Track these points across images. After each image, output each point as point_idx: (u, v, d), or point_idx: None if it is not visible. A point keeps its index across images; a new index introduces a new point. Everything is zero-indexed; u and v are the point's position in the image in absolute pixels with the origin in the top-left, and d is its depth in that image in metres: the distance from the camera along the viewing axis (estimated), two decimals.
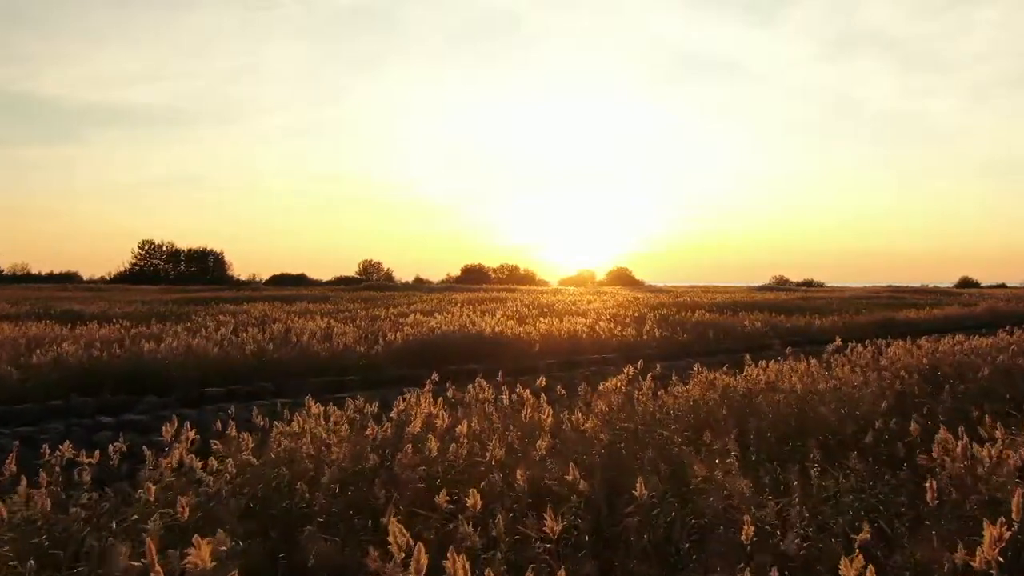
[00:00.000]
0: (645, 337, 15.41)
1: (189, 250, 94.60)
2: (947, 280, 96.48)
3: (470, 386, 5.88)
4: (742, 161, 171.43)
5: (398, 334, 12.25)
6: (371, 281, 68.12)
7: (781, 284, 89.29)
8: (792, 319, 20.74)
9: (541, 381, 6.01)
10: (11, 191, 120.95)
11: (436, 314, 18.80)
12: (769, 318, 20.31)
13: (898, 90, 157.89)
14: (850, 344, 8.91)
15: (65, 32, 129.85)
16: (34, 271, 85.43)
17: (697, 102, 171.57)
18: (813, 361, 7.33)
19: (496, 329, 13.58)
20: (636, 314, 20.10)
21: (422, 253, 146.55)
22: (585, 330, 14.94)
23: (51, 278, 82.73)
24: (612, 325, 16.12)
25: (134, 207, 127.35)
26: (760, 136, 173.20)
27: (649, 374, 6.30)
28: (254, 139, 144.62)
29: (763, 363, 7.14)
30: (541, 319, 15.44)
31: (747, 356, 7.40)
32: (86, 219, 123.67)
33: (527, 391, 5.71)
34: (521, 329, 14.01)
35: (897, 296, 39.75)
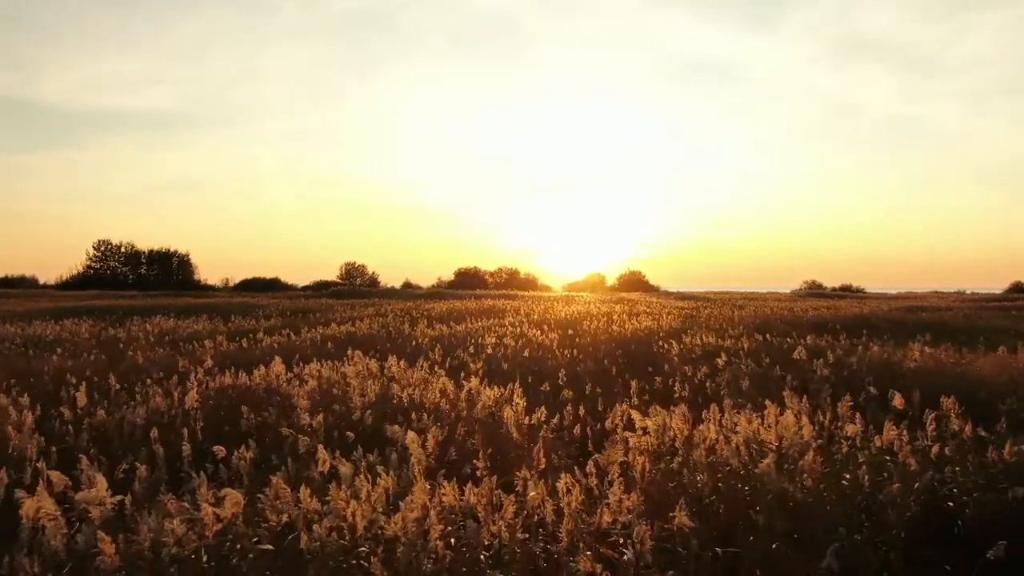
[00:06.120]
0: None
1: (150, 251, 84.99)
2: (992, 286, 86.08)
3: None
4: (746, 164, 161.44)
5: None
6: (341, 286, 58.04)
7: (816, 290, 78.74)
8: None
9: None
10: (12, 196, 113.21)
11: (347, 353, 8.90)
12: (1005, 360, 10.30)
13: (901, 95, 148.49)
14: None
15: (65, 36, 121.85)
16: None
17: (695, 106, 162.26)
18: None
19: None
20: (740, 337, 10.14)
21: (423, 256, 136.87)
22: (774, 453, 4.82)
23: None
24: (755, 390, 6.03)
25: (133, 211, 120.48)
26: (766, 140, 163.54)
27: None
28: (253, 143, 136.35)
29: None
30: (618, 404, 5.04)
31: None
32: (85, 223, 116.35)
33: None
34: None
35: None
